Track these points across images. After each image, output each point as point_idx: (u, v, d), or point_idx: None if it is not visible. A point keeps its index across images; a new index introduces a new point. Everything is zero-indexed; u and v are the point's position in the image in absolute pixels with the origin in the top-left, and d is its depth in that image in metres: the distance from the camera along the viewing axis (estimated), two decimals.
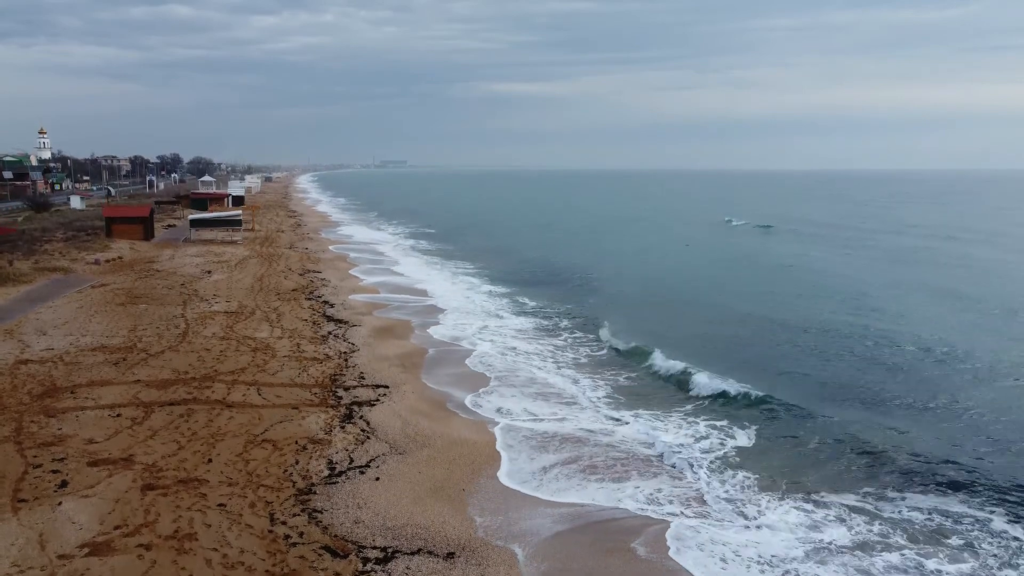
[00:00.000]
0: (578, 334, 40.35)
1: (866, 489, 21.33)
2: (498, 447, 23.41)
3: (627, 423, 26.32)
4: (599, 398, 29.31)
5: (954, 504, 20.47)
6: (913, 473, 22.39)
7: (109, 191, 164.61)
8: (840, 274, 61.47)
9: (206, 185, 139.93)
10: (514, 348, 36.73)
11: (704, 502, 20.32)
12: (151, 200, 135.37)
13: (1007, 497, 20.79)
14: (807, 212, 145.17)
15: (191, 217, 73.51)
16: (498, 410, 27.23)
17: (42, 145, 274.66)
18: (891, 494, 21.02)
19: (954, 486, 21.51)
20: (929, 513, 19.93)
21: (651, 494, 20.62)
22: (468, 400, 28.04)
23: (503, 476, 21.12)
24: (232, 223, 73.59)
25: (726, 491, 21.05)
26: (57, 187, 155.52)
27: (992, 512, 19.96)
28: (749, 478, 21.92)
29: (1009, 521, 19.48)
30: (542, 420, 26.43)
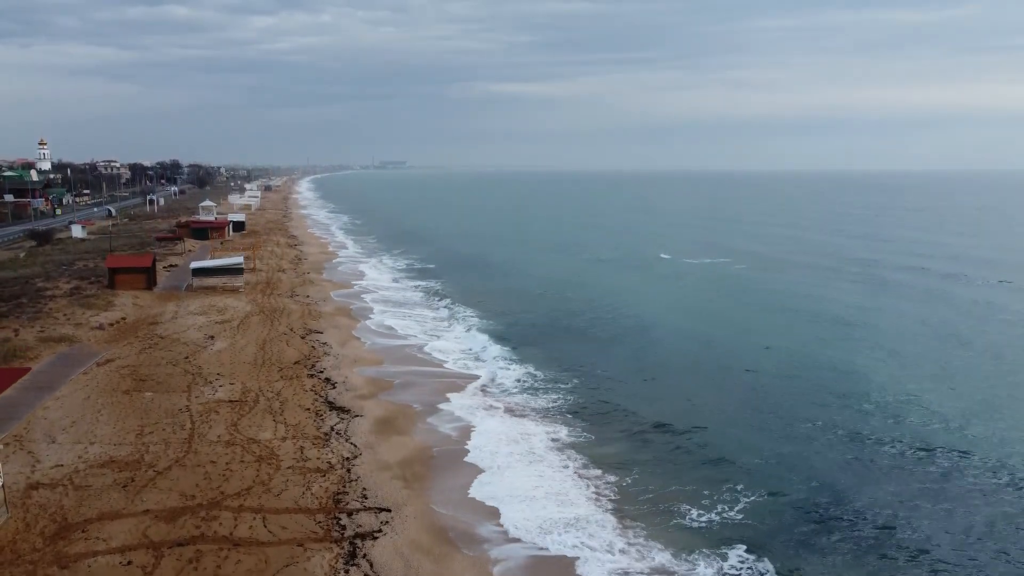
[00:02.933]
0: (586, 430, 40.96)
1: None
2: None
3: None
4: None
5: None
6: None
7: (110, 211, 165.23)
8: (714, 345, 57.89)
9: (207, 211, 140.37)
10: (511, 441, 37.35)
11: None
12: (152, 226, 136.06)
13: None
14: (762, 235, 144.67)
15: (193, 266, 74.05)
16: (499, 537, 27.96)
17: (42, 156, 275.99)
18: None
19: None
20: None
21: None
22: (471, 530, 28.69)
23: None
24: (233, 271, 74.12)
25: None
26: (58, 209, 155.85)
27: None
28: None
29: None
30: (545, 551, 27.19)
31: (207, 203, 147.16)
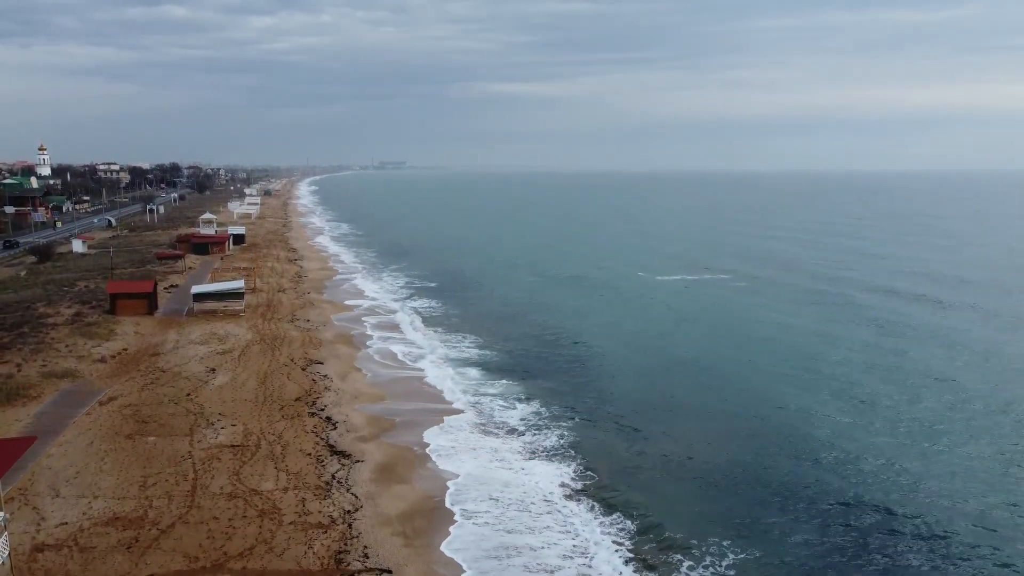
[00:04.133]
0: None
1: None
2: None
3: None
4: None
5: None
6: None
7: (110, 222, 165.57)
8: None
9: (207, 224, 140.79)
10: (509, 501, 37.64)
11: None
12: (153, 238, 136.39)
13: None
14: (743, 249, 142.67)
15: (194, 291, 74.37)
16: None
17: (42, 162, 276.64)
18: None
19: None
20: None
21: None
22: None
23: None
24: (234, 296, 74.46)
25: None
26: (58, 221, 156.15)
27: None
28: None
29: None
30: None
31: (207, 216, 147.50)
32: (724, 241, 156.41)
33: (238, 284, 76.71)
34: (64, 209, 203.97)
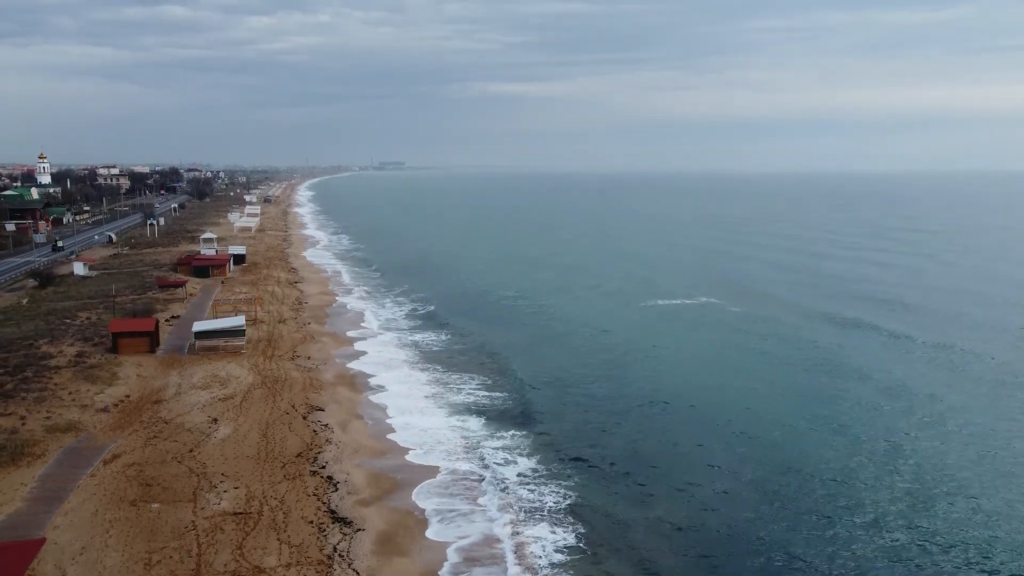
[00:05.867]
0: None
1: None
2: None
3: None
4: None
5: None
6: None
7: (111, 238, 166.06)
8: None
9: (207, 244, 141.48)
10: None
11: None
12: (153, 257, 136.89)
13: None
14: (717, 268, 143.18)
15: (196, 329, 74.91)
16: None
17: (42, 170, 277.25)
18: None
19: None
20: None
21: None
22: None
23: None
24: (235, 333, 75.03)
25: None
26: (59, 240, 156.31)
27: None
28: None
29: None
30: None
31: (207, 235, 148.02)
32: (709, 263, 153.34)
33: (239, 321, 77.28)
34: (65, 221, 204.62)
